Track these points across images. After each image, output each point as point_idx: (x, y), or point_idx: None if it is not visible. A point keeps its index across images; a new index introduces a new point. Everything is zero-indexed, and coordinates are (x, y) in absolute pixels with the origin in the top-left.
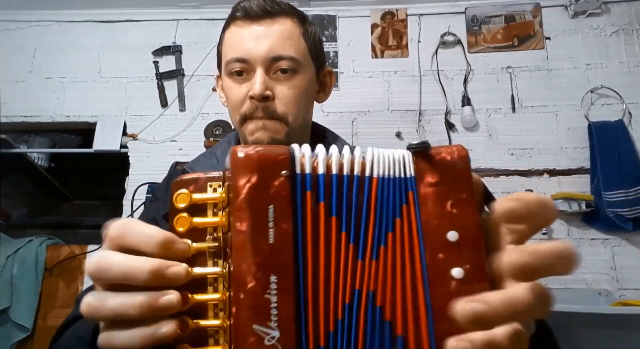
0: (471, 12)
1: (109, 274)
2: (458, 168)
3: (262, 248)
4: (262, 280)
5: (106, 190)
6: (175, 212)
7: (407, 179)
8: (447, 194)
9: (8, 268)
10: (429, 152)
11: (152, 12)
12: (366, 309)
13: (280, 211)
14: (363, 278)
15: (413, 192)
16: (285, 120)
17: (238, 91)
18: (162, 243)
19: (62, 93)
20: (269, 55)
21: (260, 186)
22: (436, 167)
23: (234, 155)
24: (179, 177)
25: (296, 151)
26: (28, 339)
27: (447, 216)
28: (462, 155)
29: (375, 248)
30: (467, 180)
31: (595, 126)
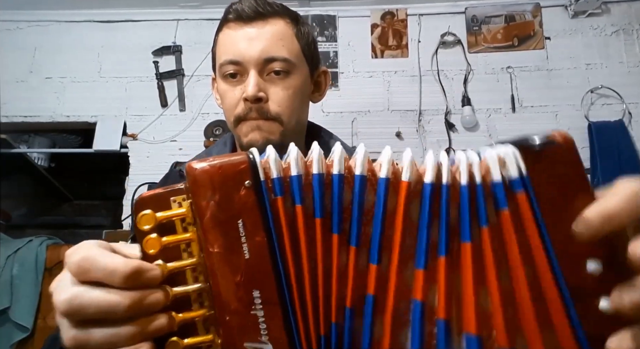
0: (471, 12)
1: (84, 312)
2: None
3: (238, 265)
4: (244, 298)
5: (106, 190)
6: (143, 235)
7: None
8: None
9: (8, 268)
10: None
11: (152, 12)
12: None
13: (250, 224)
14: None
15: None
16: (280, 120)
17: (232, 93)
18: (129, 276)
19: (62, 93)
20: (261, 56)
21: (224, 202)
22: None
23: (190, 173)
24: (139, 196)
25: (257, 157)
26: (28, 339)
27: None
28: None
29: (423, 257)
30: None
31: (595, 126)
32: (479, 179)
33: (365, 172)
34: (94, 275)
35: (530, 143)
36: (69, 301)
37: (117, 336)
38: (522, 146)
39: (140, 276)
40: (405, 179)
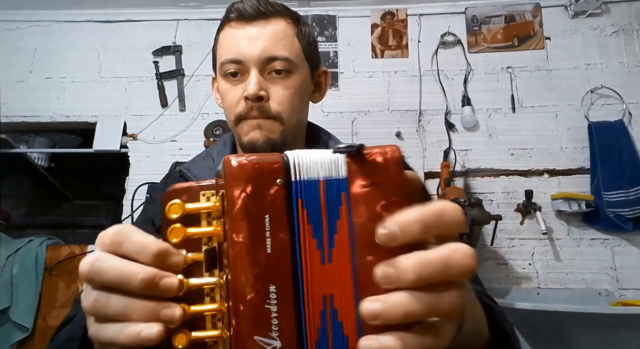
0: (471, 12)
1: (103, 277)
2: (390, 170)
3: (260, 258)
4: (261, 290)
5: (106, 190)
6: (169, 223)
7: (340, 180)
8: (378, 196)
9: (8, 268)
10: (361, 154)
11: (152, 12)
12: (331, 313)
13: (276, 221)
14: (327, 283)
15: (345, 193)
16: (280, 119)
17: (233, 92)
18: (157, 254)
19: (62, 93)
20: (263, 56)
21: (256, 196)
22: (368, 168)
23: (228, 165)
24: (171, 187)
25: (290, 158)
26: (28, 339)
27: (376, 218)
28: (394, 156)
29: (329, 251)
30: (399, 182)
31: (595, 126)
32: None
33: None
34: (125, 248)
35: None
36: (92, 263)
37: (133, 307)
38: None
39: (167, 257)
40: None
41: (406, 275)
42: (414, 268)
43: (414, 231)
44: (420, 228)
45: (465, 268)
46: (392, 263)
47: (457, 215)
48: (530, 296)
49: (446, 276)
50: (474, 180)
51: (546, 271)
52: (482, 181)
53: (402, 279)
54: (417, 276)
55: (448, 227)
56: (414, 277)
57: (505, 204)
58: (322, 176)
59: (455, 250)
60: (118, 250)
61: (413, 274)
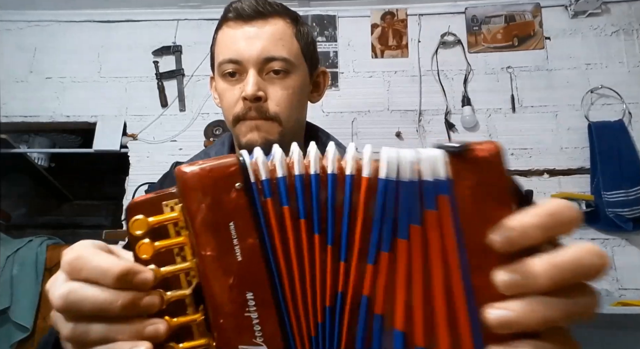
0: (471, 12)
1: (79, 308)
2: (494, 167)
3: (231, 268)
4: (238, 299)
5: (106, 190)
6: (135, 240)
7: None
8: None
9: (8, 268)
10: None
11: (152, 12)
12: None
13: (242, 226)
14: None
15: (448, 196)
16: (279, 120)
17: (231, 92)
18: (121, 277)
19: (62, 93)
20: (261, 56)
21: (215, 205)
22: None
23: (180, 177)
24: (131, 201)
25: (246, 158)
26: (28, 339)
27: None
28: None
29: (373, 253)
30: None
31: (595, 126)
32: (416, 177)
33: (336, 170)
34: (85, 274)
35: (457, 149)
36: (65, 296)
37: (115, 331)
38: (449, 151)
39: (132, 277)
40: (365, 175)
41: (538, 280)
42: (547, 272)
43: (534, 235)
44: (540, 232)
45: (598, 268)
46: (518, 269)
47: (574, 214)
48: None
49: (580, 278)
50: None
51: None
52: None
53: (534, 285)
54: (550, 281)
55: (566, 227)
56: (548, 281)
57: None
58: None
59: (586, 250)
60: (79, 277)
61: (546, 279)
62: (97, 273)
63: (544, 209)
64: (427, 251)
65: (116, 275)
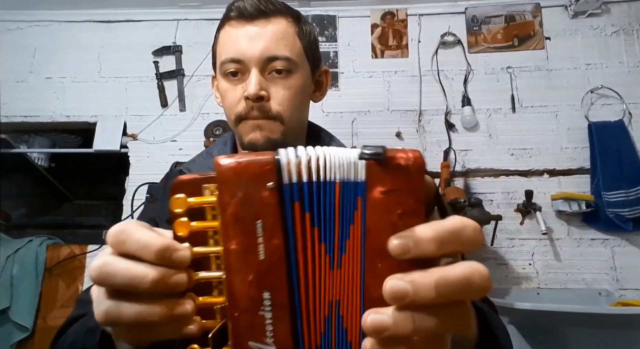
0: (471, 12)
1: (112, 280)
2: (411, 176)
3: (252, 265)
4: (255, 297)
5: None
6: (174, 217)
7: (358, 184)
8: (396, 203)
9: (8, 268)
10: (383, 158)
11: (152, 12)
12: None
13: (269, 226)
14: (334, 288)
15: (362, 198)
16: (281, 119)
17: (233, 92)
18: (160, 252)
19: (62, 93)
20: (263, 55)
21: (246, 201)
22: (389, 173)
23: (217, 167)
24: (177, 178)
25: (283, 158)
26: (28, 339)
27: (391, 226)
28: (417, 162)
29: (339, 257)
30: (419, 189)
31: (595, 126)
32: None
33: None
34: (128, 247)
35: (373, 155)
36: (100, 268)
37: (146, 313)
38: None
39: (171, 253)
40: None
41: (424, 293)
42: (436, 286)
43: (428, 248)
44: (435, 246)
45: (482, 290)
46: (407, 278)
47: (475, 236)
48: (530, 296)
49: (464, 296)
50: (474, 180)
51: (546, 271)
52: (482, 182)
53: (420, 297)
54: (437, 295)
55: (464, 246)
56: (434, 295)
57: (505, 204)
58: (339, 179)
59: (474, 270)
60: (121, 249)
61: (434, 292)
62: (138, 246)
63: (445, 225)
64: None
65: (157, 249)
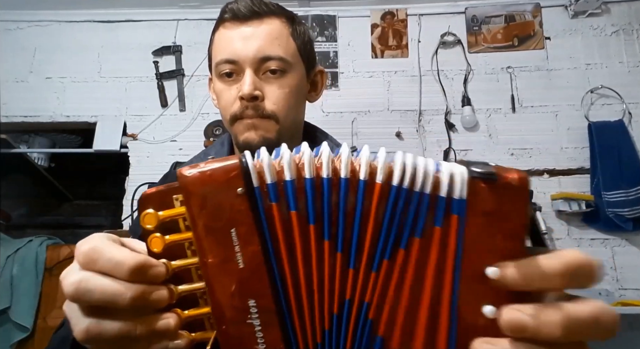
0: (471, 12)
1: (90, 297)
2: (516, 199)
3: (232, 275)
4: (240, 307)
5: (106, 190)
6: (147, 233)
7: (452, 200)
8: (500, 226)
9: (8, 268)
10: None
11: (152, 12)
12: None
13: (243, 233)
14: (355, 288)
15: (459, 217)
16: (275, 118)
17: (228, 92)
18: (135, 269)
19: (62, 93)
20: (257, 55)
21: (216, 211)
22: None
23: (182, 179)
24: (143, 193)
25: (249, 161)
26: (28, 339)
27: (494, 250)
28: (523, 184)
29: (377, 260)
30: (524, 213)
31: (595, 126)
32: (429, 190)
33: (349, 174)
34: (100, 265)
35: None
36: (77, 284)
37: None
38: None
39: (146, 270)
40: (378, 181)
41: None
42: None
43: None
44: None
45: (609, 332)
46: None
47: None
48: None
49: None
50: None
51: None
52: None
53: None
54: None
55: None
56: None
57: None
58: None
59: (603, 310)
60: (93, 267)
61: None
62: (111, 265)
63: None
64: (423, 264)
65: (130, 267)
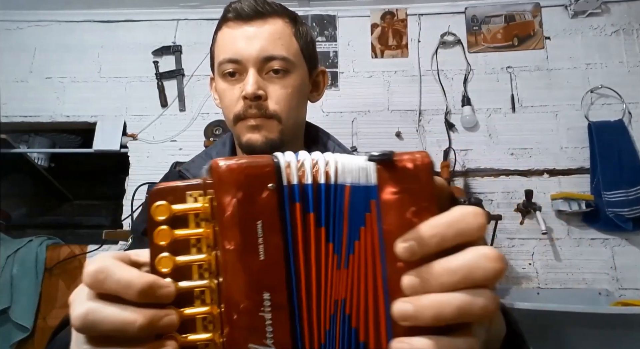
0: (471, 12)
1: (98, 329)
2: (420, 176)
3: (252, 265)
4: (255, 298)
5: (106, 190)
6: (155, 225)
7: (370, 187)
8: (409, 203)
9: (8, 268)
10: (391, 160)
11: (152, 12)
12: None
13: (269, 226)
14: (340, 288)
15: (375, 201)
16: (278, 118)
17: (231, 92)
18: (143, 291)
19: (62, 93)
20: (260, 55)
21: (246, 202)
22: (398, 175)
23: (216, 169)
24: (155, 187)
25: (281, 161)
26: (28, 339)
27: (407, 224)
28: (424, 162)
29: (347, 257)
30: (429, 188)
31: (595, 126)
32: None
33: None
34: (108, 287)
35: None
36: (84, 317)
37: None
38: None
39: (154, 291)
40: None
41: (430, 283)
42: (438, 276)
43: (431, 244)
44: (437, 241)
45: (491, 272)
46: (416, 272)
47: (475, 221)
48: (530, 296)
49: (472, 281)
50: (474, 180)
51: (546, 271)
52: (482, 181)
53: (427, 287)
54: (440, 285)
55: (467, 234)
56: (438, 285)
57: (505, 204)
58: (350, 182)
59: (480, 254)
60: (100, 288)
61: (437, 282)
62: (119, 287)
63: (443, 218)
64: (366, 252)
65: (140, 288)
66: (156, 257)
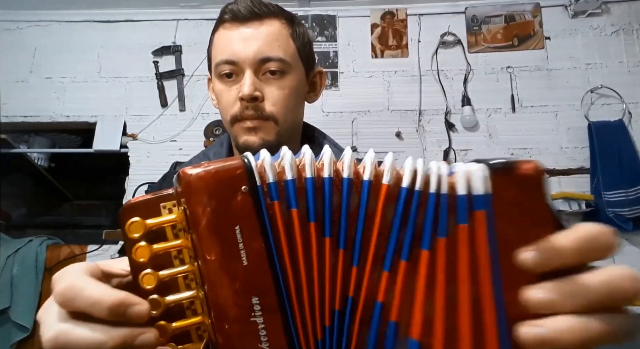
0: (471, 12)
1: None
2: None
3: (237, 272)
4: (244, 304)
5: (106, 190)
6: (132, 243)
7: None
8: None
9: (8, 268)
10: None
11: (152, 12)
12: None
13: (247, 230)
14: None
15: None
16: (275, 120)
17: (228, 93)
18: (113, 309)
19: (62, 93)
20: (257, 56)
21: (221, 209)
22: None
23: (184, 179)
24: (127, 202)
25: (252, 161)
26: (28, 339)
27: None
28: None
29: (389, 260)
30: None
31: (595, 126)
32: (446, 190)
33: (352, 175)
34: (78, 305)
35: (501, 165)
36: (54, 340)
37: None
38: (492, 166)
39: (125, 309)
40: (385, 182)
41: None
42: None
43: (568, 258)
44: (575, 255)
45: (631, 293)
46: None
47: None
48: None
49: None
50: None
51: None
52: None
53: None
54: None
55: (602, 253)
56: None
57: None
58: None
59: (618, 273)
60: (71, 307)
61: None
62: (88, 304)
63: (580, 233)
64: (454, 264)
65: (109, 306)
66: (138, 275)
